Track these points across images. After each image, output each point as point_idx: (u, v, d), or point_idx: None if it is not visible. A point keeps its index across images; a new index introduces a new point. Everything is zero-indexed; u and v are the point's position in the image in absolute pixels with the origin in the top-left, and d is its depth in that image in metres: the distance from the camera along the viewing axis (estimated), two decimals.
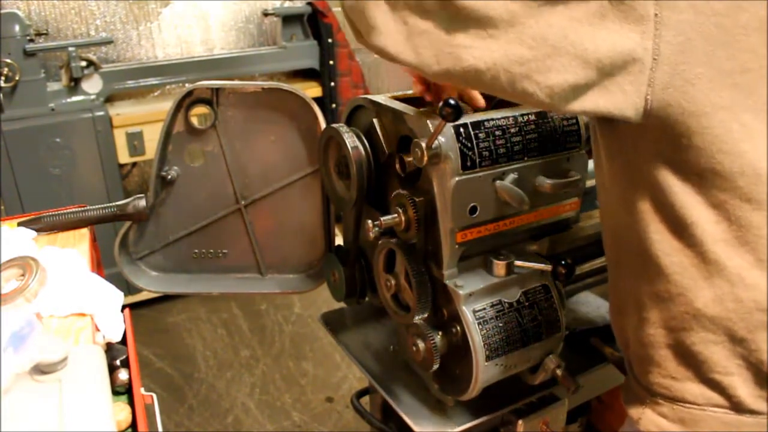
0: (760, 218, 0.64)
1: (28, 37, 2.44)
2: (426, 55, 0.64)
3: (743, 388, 0.68)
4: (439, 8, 0.62)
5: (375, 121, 1.05)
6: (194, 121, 1.22)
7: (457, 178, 0.92)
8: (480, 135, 0.92)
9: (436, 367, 0.99)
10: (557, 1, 0.60)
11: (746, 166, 0.64)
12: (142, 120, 2.65)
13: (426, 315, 1.01)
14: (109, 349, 0.95)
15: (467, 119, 0.92)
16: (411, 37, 0.63)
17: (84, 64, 2.57)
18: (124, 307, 1.02)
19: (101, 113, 2.59)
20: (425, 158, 0.91)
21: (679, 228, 0.68)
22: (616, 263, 0.82)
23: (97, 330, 0.96)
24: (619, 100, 0.65)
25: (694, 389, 0.71)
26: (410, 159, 0.93)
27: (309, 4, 3.04)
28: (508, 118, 0.95)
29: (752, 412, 0.69)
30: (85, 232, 1.25)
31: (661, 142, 0.67)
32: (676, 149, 0.66)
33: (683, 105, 0.63)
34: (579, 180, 1.03)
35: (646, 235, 0.71)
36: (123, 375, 0.91)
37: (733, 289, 0.66)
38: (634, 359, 0.80)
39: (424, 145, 0.90)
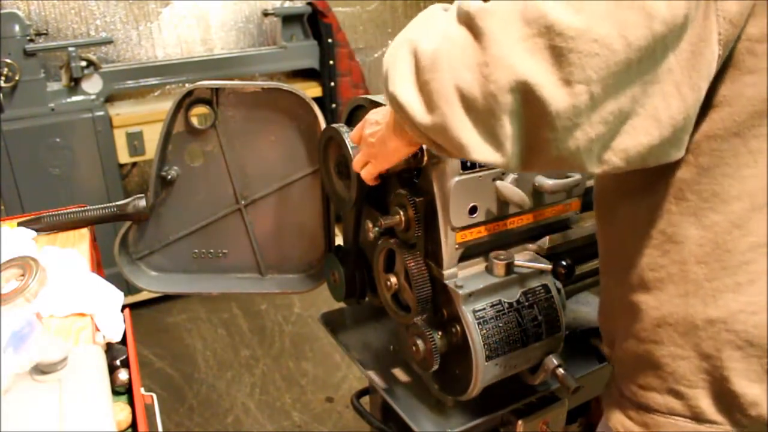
0: (746, 244, 0.65)
1: (28, 37, 2.43)
2: (511, 155, 0.62)
3: (705, 400, 0.70)
4: (523, 106, 0.59)
5: None
6: (194, 121, 1.22)
7: (456, 178, 0.92)
8: None
9: (436, 367, 0.99)
10: (631, 72, 0.57)
11: (744, 192, 0.64)
12: (142, 120, 2.65)
13: (426, 315, 1.01)
14: (109, 349, 0.95)
15: None
16: (500, 147, 0.62)
17: (84, 64, 2.56)
18: (124, 307, 1.02)
19: (101, 113, 2.59)
20: (425, 158, 0.90)
21: (668, 246, 0.70)
22: (606, 271, 0.84)
23: (97, 330, 0.96)
24: (684, 147, 0.64)
25: (658, 398, 0.74)
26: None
27: (309, 4, 3.04)
28: None
29: (711, 422, 0.71)
30: (85, 232, 1.24)
31: (669, 163, 0.66)
32: (678, 168, 0.66)
33: (704, 129, 0.64)
34: (579, 180, 1.03)
35: (636, 249, 0.73)
36: (123, 375, 0.91)
37: (705, 309, 0.68)
38: (615, 361, 0.83)
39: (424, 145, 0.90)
